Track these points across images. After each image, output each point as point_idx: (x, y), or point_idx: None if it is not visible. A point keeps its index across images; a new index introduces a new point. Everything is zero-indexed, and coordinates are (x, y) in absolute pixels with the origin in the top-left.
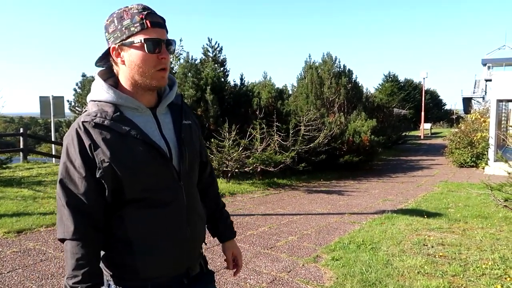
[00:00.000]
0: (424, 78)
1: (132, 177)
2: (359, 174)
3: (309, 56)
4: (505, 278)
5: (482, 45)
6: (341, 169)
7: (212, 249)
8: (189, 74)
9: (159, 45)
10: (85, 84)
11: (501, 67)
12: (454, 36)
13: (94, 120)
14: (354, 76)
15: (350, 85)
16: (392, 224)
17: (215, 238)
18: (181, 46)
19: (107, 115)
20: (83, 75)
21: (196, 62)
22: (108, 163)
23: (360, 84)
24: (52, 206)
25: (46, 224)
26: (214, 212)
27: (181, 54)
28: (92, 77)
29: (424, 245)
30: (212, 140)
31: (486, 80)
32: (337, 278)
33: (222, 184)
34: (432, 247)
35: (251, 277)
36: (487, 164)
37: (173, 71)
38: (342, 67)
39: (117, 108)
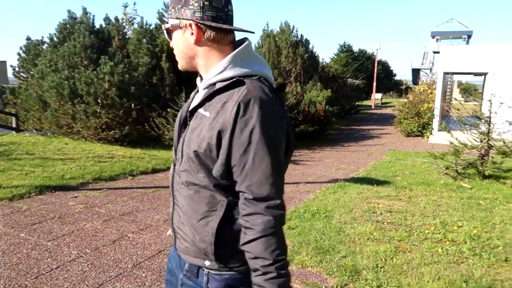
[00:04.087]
0: (377, 49)
1: None
2: (313, 143)
3: (267, 25)
4: (445, 242)
5: (433, 17)
6: (296, 139)
7: None
8: (144, 40)
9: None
10: (30, 49)
11: (448, 39)
12: (407, 7)
13: None
14: (310, 46)
15: (306, 55)
16: (345, 192)
17: None
18: (135, 10)
19: None
20: (28, 39)
21: (151, 28)
22: None
23: (316, 54)
24: None
25: None
26: None
27: (135, 18)
28: (38, 40)
29: (373, 212)
30: (169, 110)
31: (434, 52)
32: (293, 247)
33: None
34: (381, 214)
35: None
36: (432, 134)
37: (127, 37)
38: (299, 36)
39: None
